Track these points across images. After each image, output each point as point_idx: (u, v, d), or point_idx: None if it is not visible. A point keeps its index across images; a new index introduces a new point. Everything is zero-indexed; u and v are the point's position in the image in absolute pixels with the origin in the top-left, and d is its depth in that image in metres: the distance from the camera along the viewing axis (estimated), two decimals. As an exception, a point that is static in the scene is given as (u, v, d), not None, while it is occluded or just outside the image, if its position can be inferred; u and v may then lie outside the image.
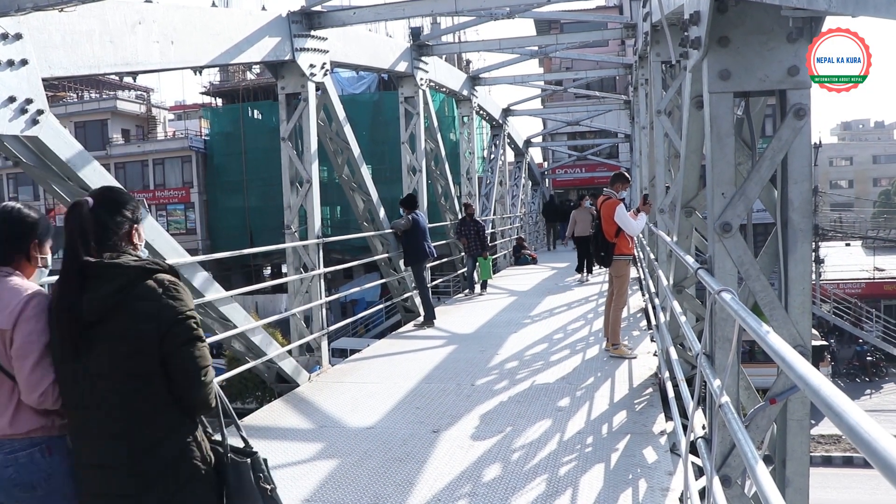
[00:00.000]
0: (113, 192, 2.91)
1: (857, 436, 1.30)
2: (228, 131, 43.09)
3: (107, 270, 2.59)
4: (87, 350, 2.54)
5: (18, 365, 2.59)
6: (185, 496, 2.61)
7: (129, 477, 2.54)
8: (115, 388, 2.53)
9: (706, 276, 3.85)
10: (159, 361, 2.55)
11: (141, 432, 2.55)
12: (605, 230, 8.72)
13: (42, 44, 5.61)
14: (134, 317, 2.53)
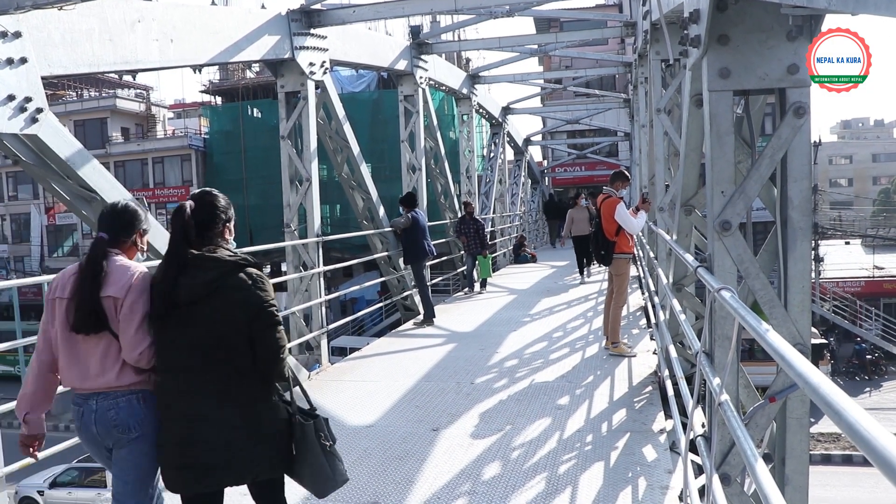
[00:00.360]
0: (210, 195, 3.48)
1: (857, 434, 1.30)
2: (228, 130, 43.06)
3: (206, 261, 3.18)
4: (188, 324, 3.12)
5: (124, 327, 3.16)
6: (262, 448, 3.15)
7: (217, 429, 3.08)
8: (210, 357, 3.11)
9: (706, 274, 3.85)
10: (247, 339, 3.12)
11: (229, 393, 3.12)
12: (605, 228, 8.72)
13: (41, 42, 5.62)
14: (229, 302, 3.12)
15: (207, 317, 3.10)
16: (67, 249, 47.57)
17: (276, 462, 3.24)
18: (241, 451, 3.11)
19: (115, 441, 3.22)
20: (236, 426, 3.10)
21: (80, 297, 3.16)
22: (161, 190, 44.08)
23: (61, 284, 3.26)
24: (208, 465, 3.10)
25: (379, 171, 32.88)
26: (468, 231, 14.59)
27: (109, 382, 3.19)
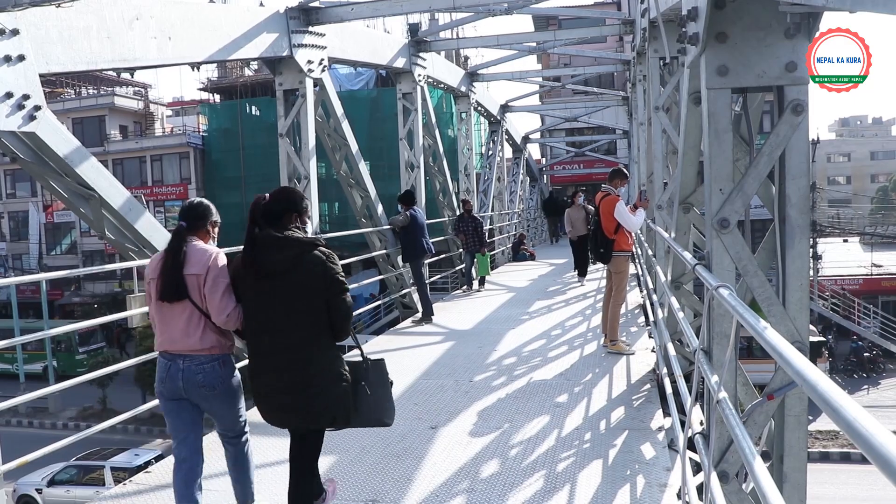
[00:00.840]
0: (286, 190, 4.25)
1: (855, 431, 1.30)
2: (226, 127, 43.06)
3: (279, 241, 3.82)
4: (276, 292, 3.79)
5: (210, 297, 3.87)
6: (333, 390, 3.87)
7: (300, 376, 3.82)
8: (293, 319, 3.79)
9: (704, 272, 3.84)
10: (323, 303, 3.80)
11: (308, 347, 3.82)
12: (604, 226, 8.72)
13: (39, 40, 5.61)
14: (307, 273, 3.78)
15: (293, 285, 3.79)
16: (66, 247, 47.58)
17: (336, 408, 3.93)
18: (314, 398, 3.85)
19: (201, 397, 4.00)
20: (320, 378, 3.85)
21: (165, 272, 3.91)
22: (159, 188, 44.07)
23: (152, 267, 4.06)
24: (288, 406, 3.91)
25: (377, 169, 32.87)
26: (466, 229, 14.58)
27: (193, 345, 3.92)
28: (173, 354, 3.99)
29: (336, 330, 3.89)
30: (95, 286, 44.42)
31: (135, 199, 6.65)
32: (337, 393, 3.89)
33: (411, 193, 11.92)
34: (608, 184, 8.99)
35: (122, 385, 29.65)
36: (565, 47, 18.60)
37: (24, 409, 31.53)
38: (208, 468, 5.45)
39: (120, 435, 27.48)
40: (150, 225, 6.57)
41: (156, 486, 5.13)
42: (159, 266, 3.97)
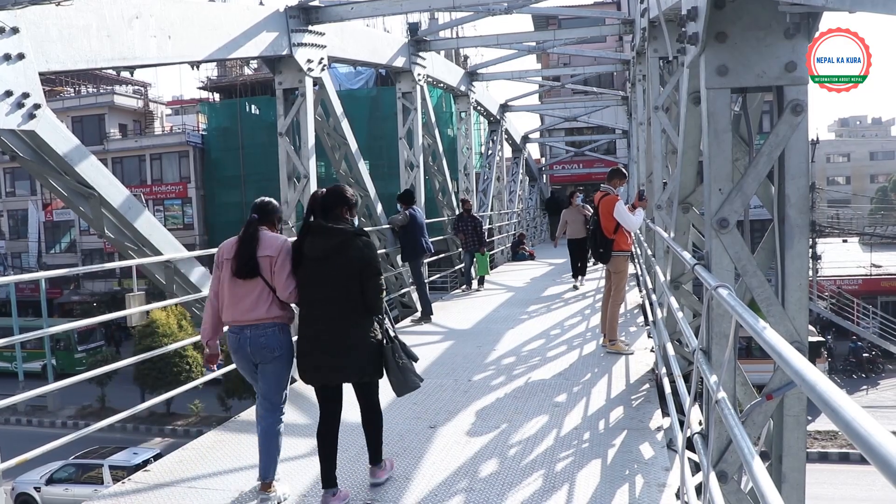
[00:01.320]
0: (338, 188, 4.94)
1: (854, 431, 1.30)
2: (226, 126, 43.06)
3: (330, 230, 4.65)
4: (325, 272, 4.60)
5: (278, 276, 4.66)
6: (369, 356, 4.68)
7: (340, 340, 4.60)
8: (337, 295, 4.59)
9: (703, 271, 3.84)
10: (359, 283, 4.60)
11: (350, 319, 4.62)
12: (603, 226, 8.71)
13: (39, 38, 5.61)
14: (350, 258, 4.59)
15: (337, 267, 4.59)
16: (65, 246, 47.57)
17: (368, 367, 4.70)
18: (353, 357, 4.63)
19: (262, 358, 4.72)
20: (349, 340, 4.60)
21: (241, 254, 4.68)
22: (159, 186, 44.07)
23: (227, 249, 4.81)
24: (331, 366, 4.63)
25: (377, 168, 32.86)
26: (466, 228, 14.56)
27: (260, 315, 4.67)
28: (241, 326, 4.72)
29: (368, 305, 4.65)
30: (94, 285, 44.44)
31: (134, 197, 6.65)
32: (368, 355, 4.67)
33: (411, 193, 11.91)
34: (607, 183, 8.99)
35: (120, 384, 29.65)
36: (565, 47, 18.61)
37: (23, 408, 31.54)
38: (207, 467, 5.46)
39: (119, 433, 27.49)
40: (149, 223, 6.57)
41: (155, 485, 5.13)
42: (234, 249, 4.74)
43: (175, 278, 6.83)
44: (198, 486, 5.11)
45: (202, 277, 6.99)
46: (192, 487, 5.08)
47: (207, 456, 5.73)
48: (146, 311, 4.20)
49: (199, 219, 43.51)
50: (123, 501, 4.89)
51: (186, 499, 4.88)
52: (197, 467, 5.48)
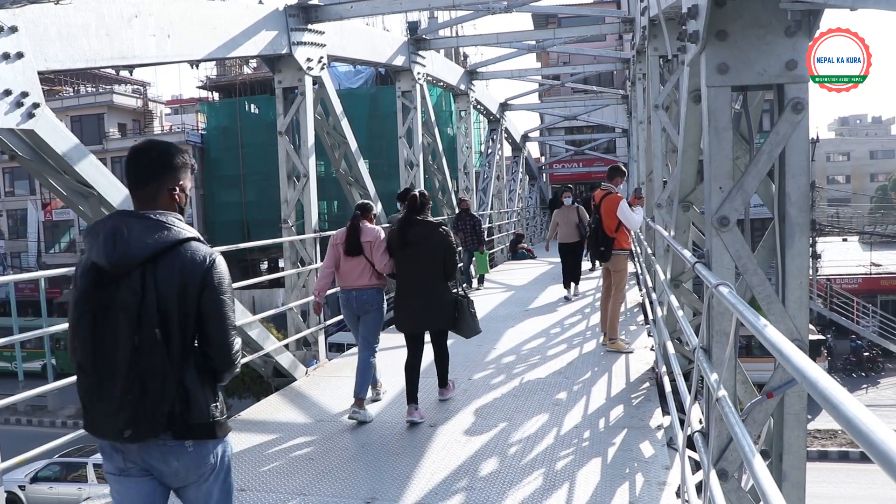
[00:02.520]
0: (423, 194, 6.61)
1: (855, 428, 1.29)
2: (225, 125, 43.02)
3: (422, 222, 6.39)
4: (416, 252, 6.29)
5: (376, 254, 6.51)
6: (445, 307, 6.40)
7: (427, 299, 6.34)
8: (426, 268, 6.29)
9: (703, 270, 3.84)
10: (441, 260, 6.28)
11: (437, 285, 6.37)
12: (605, 224, 8.71)
13: (38, 37, 5.59)
14: (434, 242, 6.28)
15: (426, 249, 6.30)
16: (64, 245, 47.54)
17: (447, 320, 6.46)
18: (437, 312, 6.40)
19: (364, 311, 6.68)
20: (434, 299, 6.37)
21: (349, 239, 6.66)
22: (158, 186, 43.96)
23: (339, 236, 6.79)
24: (421, 319, 6.45)
25: (377, 167, 32.84)
26: (465, 227, 14.53)
27: (363, 282, 6.61)
28: (350, 289, 6.67)
29: (447, 274, 6.41)
30: (94, 284, 44.36)
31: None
32: (446, 310, 6.41)
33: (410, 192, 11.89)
34: (608, 182, 8.99)
35: (120, 383, 29.62)
36: (565, 45, 18.59)
37: (23, 407, 31.55)
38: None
39: (119, 433, 27.45)
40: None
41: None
42: (344, 235, 6.71)
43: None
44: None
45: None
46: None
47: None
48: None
49: (199, 218, 43.46)
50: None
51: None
52: (197, 466, 5.47)
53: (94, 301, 2.71)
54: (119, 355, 2.64)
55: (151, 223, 2.74)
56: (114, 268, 2.66)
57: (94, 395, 2.71)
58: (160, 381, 2.64)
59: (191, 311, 2.71)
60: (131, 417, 2.63)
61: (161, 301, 2.66)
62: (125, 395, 2.63)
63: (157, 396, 2.64)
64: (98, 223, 2.81)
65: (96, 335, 2.69)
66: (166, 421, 2.67)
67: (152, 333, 2.63)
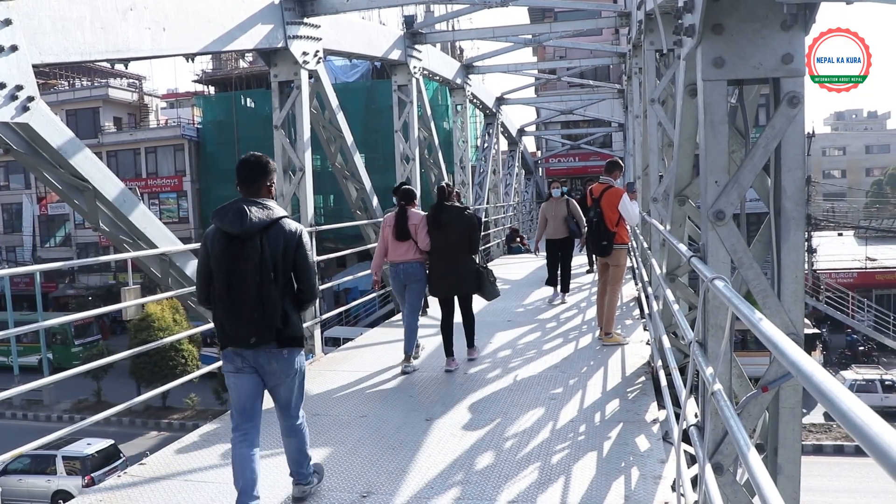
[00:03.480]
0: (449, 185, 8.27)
1: (850, 421, 1.29)
2: (221, 119, 42.97)
3: (453, 207, 7.85)
4: (448, 232, 7.71)
5: (420, 235, 7.81)
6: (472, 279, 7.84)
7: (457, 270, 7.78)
8: (455, 244, 7.73)
9: (699, 264, 3.84)
10: (468, 238, 7.72)
11: (464, 258, 7.79)
12: (607, 218, 8.67)
13: (32, 30, 5.57)
14: (463, 223, 7.72)
15: (455, 228, 7.68)
16: (60, 239, 47.46)
17: (473, 286, 7.87)
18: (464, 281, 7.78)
19: (410, 281, 7.99)
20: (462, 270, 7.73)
21: (398, 224, 7.91)
22: (154, 180, 43.98)
23: (388, 220, 8.05)
24: (452, 286, 7.82)
25: (372, 161, 32.79)
26: None
27: (409, 258, 7.91)
28: (397, 263, 8.02)
29: (472, 250, 7.87)
30: (90, 278, 44.38)
31: (129, 190, 6.63)
32: (472, 278, 7.84)
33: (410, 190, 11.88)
34: (607, 175, 8.99)
35: (116, 378, 29.63)
36: (561, 39, 18.62)
37: (19, 402, 31.52)
38: (203, 461, 5.46)
39: (114, 427, 27.49)
40: (144, 217, 6.55)
41: (151, 479, 5.13)
42: (393, 219, 8.01)
43: (170, 271, 6.82)
44: (194, 479, 5.11)
45: (197, 271, 6.98)
46: (188, 481, 5.08)
47: (204, 449, 5.72)
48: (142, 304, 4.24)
49: (195, 212, 43.44)
50: (119, 495, 4.88)
51: (182, 492, 4.88)
52: (193, 460, 5.48)
53: (227, 255, 4.10)
54: (247, 290, 4.06)
55: (261, 206, 4.18)
56: (242, 234, 4.08)
57: (229, 318, 4.12)
58: (273, 306, 4.10)
59: (288, 263, 4.21)
60: (255, 330, 4.09)
61: (272, 255, 4.10)
62: (252, 315, 4.06)
63: (271, 316, 4.09)
64: (225, 206, 4.21)
65: (231, 277, 4.08)
66: (275, 333, 4.13)
67: (268, 275, 4.08)
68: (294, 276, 4.29)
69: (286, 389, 4.38)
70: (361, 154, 12.24)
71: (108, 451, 22.17)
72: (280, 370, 4.26)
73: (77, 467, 21.17)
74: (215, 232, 4.19)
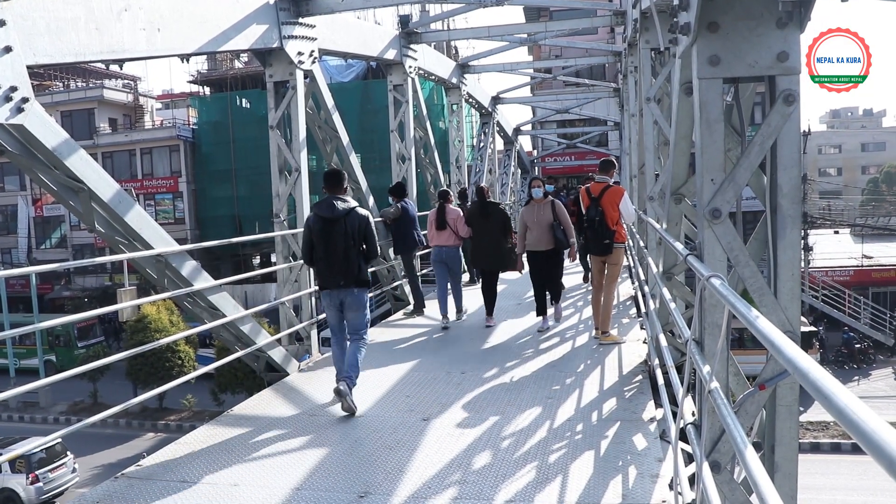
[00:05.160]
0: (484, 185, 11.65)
1: (846, 418, 1.29)
2: (216, 120, 42.91)
3: (490, 203, 10.57)
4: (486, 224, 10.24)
5: (459, 225, 10.68)
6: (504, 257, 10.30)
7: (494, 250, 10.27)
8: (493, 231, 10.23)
9: (696, 262, 3.84)
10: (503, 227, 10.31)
11: (500, 242, 10.23)
12: (609, 217, 8.68)
13: (26, 31, 5.55)
14: (499, 217, 10.38)
15: (494, 219, 10.23)
16: (55, 241, 47.36)
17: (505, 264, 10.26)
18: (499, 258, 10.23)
19: (450, 260, 10.77)
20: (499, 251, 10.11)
21: (438, 217, 10.77)
22: (149, 181, 43.90)
23: (432, 214, 10.95)
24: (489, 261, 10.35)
25: (368, 161, 32.81)
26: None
27: (449, 243, 10.70)
28: (441, 246, 10.59)
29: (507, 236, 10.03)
30: (86, 280, 44.29)
31: (124, 191, 6.60)
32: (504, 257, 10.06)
33: (402, 185, 11.89)
34: (603, 174, 8.97)
35: (113, 379, 29.57)
36: (556, 39, 18.61)
37: (15, 404, 31.44)
38: (200, 462, 5.45)
39: (111, 429, 27.46)
40: (140, 218, 6.52)
41: (147, 479, 5.12)
42: (435, 214, 10.77)
43: (166, 272, 6.80)
44: (190, 480, 5.10)
45: (193, 272, 6.96)
46: (184, 482, 5.07)
47: (200, 450, 5.71)
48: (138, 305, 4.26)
49: (191, 213, 43.38)
50: (116, 496, 4.88)
51: (179, 493, 4.87)
52: (190, 462, 5.47)
53: (324, 232, 6.59)
54: (337, 252, 6.57)
55: (342, 200, 6.67)
56: (333, 218, 6.57)
57: (327, 270, 6.67)
58: (353, 262, 6.59)
59: (360, 236, 6.62)
60: (343, 277, 6.61)
61: (350, 231, 6.55)
62: (340, 267, 6.59)
63: (353, 268, 6.59)
64: (320, 201, 6.75)
65: (327, 245, 6.59)
66: (353, 278, 6.62)
67: (350, 243, 6.55)
68: (364, 243, 6.70)
69: (355, 316, 6.83)
70: (357, 154, 12.22)
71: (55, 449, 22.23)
72: (353, 302, 6.75)
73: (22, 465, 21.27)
74: (315, 217, 6.70)
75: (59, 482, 22.34)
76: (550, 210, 9.55)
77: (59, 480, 22.31)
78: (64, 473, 22.63)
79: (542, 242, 9.55)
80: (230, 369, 24.24)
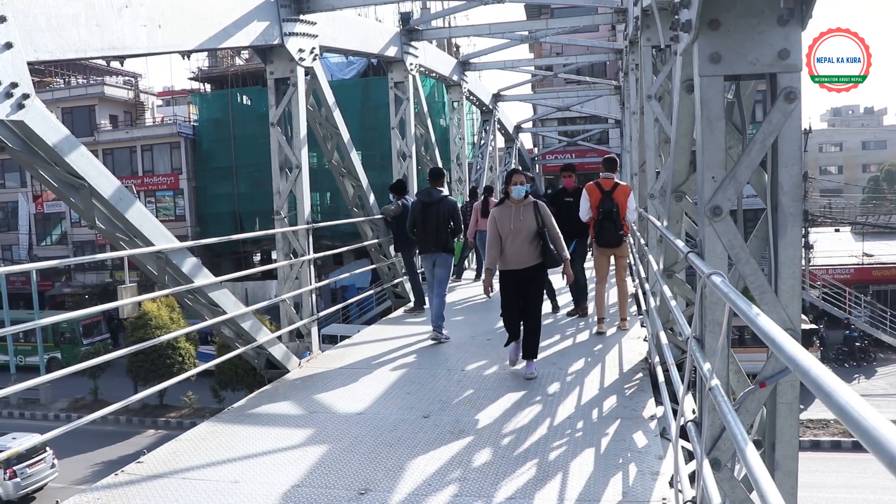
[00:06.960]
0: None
1: (847, 416, 1.29)
2: (217, 117, 42.91)
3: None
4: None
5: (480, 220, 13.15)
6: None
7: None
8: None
9: (696, 259, 3.84)
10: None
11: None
12: (621, 213, 9.11)
13: (27, 27, 5.55)
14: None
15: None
16: (56, 238, 47.36)
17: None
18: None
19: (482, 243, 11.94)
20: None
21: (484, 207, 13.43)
22: (150, 178, 43.90)
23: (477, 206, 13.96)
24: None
25: (369, 159, 32.84)
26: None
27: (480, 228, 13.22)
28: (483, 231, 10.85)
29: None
30: (86, 277, 44.30)
31: (125, 188, 6.60)
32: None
33: (403, 183, 11.89)
34: (609, 171, 9.16)
35: (113, 376, 29.59)
36: (557, 36, 18.57)
37: (16, 401, 31.47)
38: (200, 458, 5.45)
39: (112, 426, 27.49)
40: (140, 215, 6.52)
41: (148, 477, 5.13)
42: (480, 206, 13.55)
43: (167, 269, 6.80)
44: (191, 476, 5.10)
45: (194, 269, 6.96)
46: (185, 478, 5.07)
47: (201, 447, 5.72)
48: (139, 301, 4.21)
49: (191, 210, 43.38)
50: (117, 493, 4.88)
51: (180, 490, 4.87)
52: (190, 458, 5.47)
53: (424, 213, 9.56)
54: (432, 228, 9.52)
55: (438, 190, 9.73)
56: (431, 203, 9.56)
57: (424, 240, 9.63)
58: (444, 234, 9.53)
59: (448, 216, 9.52)
60: (435, 244, 9.54)
61: (443, 213, 9.47)
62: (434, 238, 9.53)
63: (443, 238, 9.54)
64: (422, 190, 10.24)
65: (426, 222, 9.56)
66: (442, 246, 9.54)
67: (441, 221, 9.49)
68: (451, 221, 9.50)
69: (441, 271, 9.51)
70: (358, 151, 12.22)
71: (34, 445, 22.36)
72: (441, 261, 9.51)
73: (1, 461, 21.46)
74: (418, 201, 9.73)
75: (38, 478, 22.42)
76: (533, 214, 7.41)
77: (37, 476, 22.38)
78: (42, 469, 22.70)
79: (523, 258, 7.39)
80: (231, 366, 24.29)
